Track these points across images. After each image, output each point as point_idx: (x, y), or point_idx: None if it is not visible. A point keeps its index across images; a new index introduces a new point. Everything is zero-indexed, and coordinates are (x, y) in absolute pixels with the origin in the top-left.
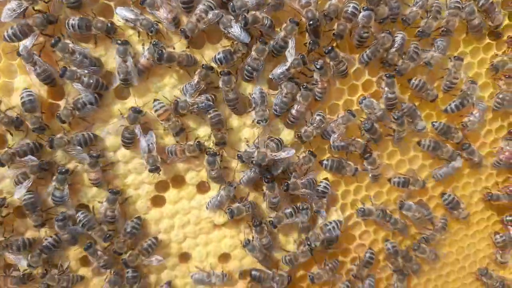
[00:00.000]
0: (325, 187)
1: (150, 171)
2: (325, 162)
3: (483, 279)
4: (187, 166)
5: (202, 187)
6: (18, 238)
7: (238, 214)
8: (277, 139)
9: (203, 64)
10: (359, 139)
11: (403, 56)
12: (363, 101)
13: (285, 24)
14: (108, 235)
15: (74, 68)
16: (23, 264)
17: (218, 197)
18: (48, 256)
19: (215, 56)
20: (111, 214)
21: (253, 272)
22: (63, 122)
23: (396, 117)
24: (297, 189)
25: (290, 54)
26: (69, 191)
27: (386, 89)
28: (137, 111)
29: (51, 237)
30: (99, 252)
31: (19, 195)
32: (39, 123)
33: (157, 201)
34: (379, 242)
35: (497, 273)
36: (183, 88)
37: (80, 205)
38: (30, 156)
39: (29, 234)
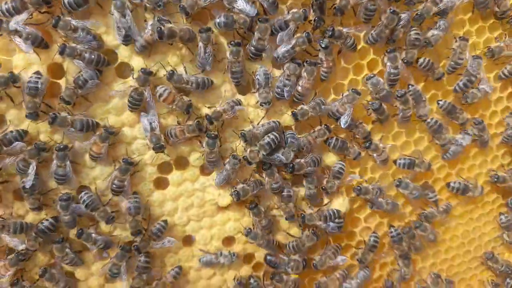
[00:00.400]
0: (341, 168)
1: (154, 149)
2: (329, 140)
3: (489, 263)
4: (190, 147)
5: (205, 169)
6: (16, 220)
7: (244, 196)
8: (274, 135)
9: (200, 29)
10: (365, 125)
11: (405, 46)
12: (371, 78)
13: (295, 10)
14: (111, 217)
15: (73, 45)
16: (19, 247)
17: (224, 172)
18: (45, 239)
19: (215, 21)
20: (119, 184)
21: (268, 257)
22: (68, 103)
23: (399, 95)
24: (302, 169)
25: (280, 38)
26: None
27: (389, 64)
28: (147, 72)
29: (47, 220)
30: (93, 235)
31: (29, 183)
32: (36, 108)
33: (160, 183)
34: (384, 225)
35: (502, 256)
36: (197, 64)
37: (80, 187)
38: (17, 142)
39: (31, 217)
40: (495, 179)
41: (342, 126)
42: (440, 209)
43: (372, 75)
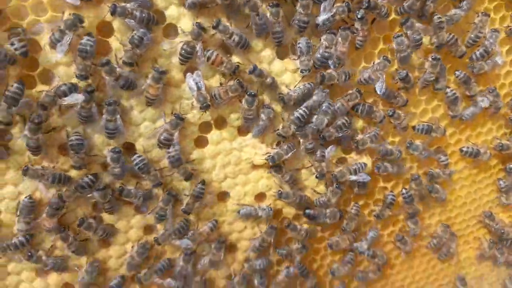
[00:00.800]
0: (376, 133)
1: (201, 108)
2: (356, 106)
3: (487, 220)
4: (231, 108)
5: (243, 129)
6: (55, 171)
7: (279, 159)
8: (303, 109)
9: (243, 2)
10: (403, 95)
11: (433, 31)
12: (398, 37)
13: None
14: (159, 183)
15: (123, 4)
16: (53, 200)
17: (261, 122)
18: (81, 194)
19: None
20: (168, 137)
21: (307, 211)
22: (131, 64)
23: (433, 57)
24: (332, 136)
25: (324, 8)
26: None
27: (409, 32)
28: (201, 27)
29: (87, 176)
30: (132, 191)
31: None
32: (86, 71)
33: (201, 142)
34: (399, 186)
35: (497, 216)
36: (255, 34)
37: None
38: (73, 94)
39: (73, 173)
40: (500, 148)
41: (378, 93)
42: (446, 171)
43: (400, 34)
